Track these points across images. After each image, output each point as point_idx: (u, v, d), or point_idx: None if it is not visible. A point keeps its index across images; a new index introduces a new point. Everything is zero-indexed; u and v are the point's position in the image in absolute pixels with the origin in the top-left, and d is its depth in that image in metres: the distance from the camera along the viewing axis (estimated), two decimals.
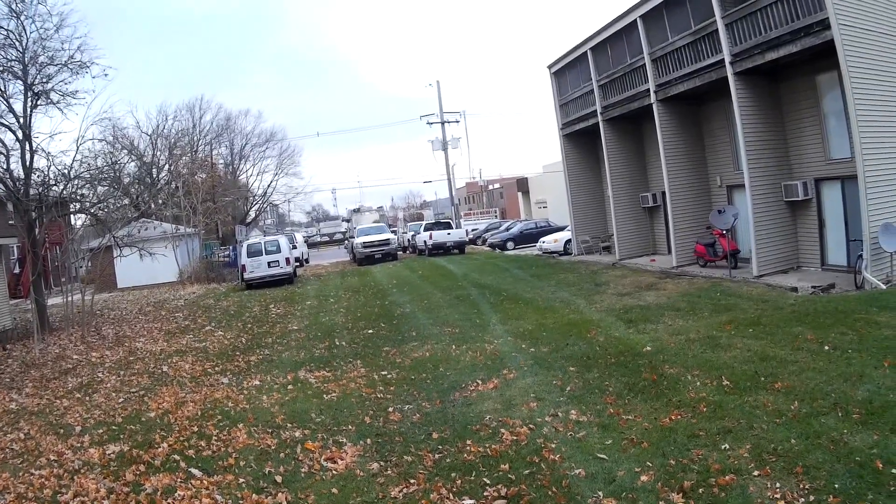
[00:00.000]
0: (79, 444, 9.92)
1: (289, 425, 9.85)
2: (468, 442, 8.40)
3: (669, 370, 10.40)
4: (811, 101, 18.80)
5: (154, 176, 50.92)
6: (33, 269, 23.53)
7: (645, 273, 22.89)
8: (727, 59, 19.18)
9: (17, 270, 36.37)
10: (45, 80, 23.61)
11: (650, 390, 9.52)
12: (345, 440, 9.01)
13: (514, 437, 8.32)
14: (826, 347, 10.56)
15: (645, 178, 28.04)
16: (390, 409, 10.20)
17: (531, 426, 8.65)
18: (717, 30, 19.54)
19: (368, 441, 8.88)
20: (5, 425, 11.52)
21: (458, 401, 10.31)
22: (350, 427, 9.58)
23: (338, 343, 16.29)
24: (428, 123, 54.83)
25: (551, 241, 35.29)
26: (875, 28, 16.23)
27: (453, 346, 14.21)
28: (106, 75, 23.95)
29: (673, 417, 8.30)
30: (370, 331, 17.47)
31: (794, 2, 16.80)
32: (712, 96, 22.25)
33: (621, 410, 8.82)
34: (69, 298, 25.09)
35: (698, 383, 9.53)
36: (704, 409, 8.43)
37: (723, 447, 7.21)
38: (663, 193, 25.11)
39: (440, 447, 8.41)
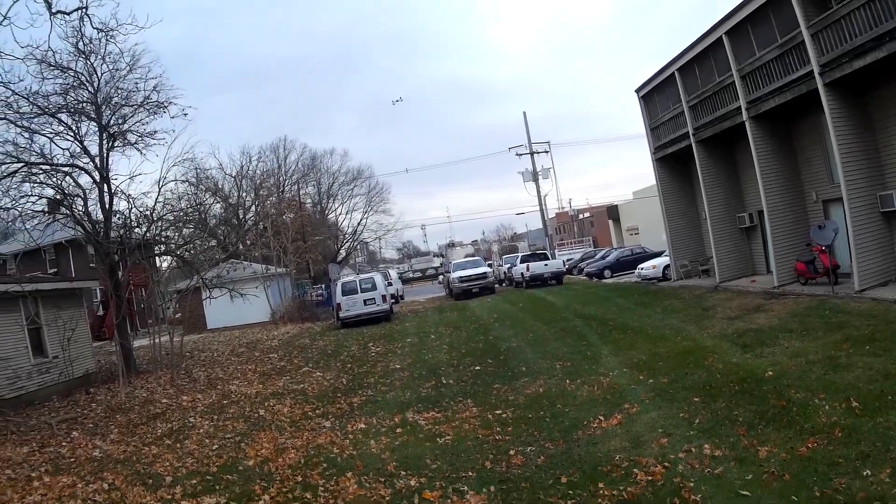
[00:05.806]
0: (170, 497, 9.07)
1: (402, 473, 9.10)
2: (600, 485, 7.73)
3: (796, 395, 9.81)
4: None
5: (241, 217, 51.68)
6: (117, 312, 23.34)
7: (748, 295, 22.01)
8: (816, 70, 18.66)
9: (100, 313, 37.16)
10: (120, 120, 23.39)
11: (781, 418, 8.93)
12: (466, 488, 8.31)
13: (650, 478, 7.69)
14: None
15: (740, 198, 27.20)
16: (511, 452, 9.47)
17: (665, 464, 8.00)
18: (803, 41, 19.02)
19: (492, 489, 8.19)
20: (87, 474, 10.72)
21: (582, 440, 9.68)
22: (470, 473, 8.85)
23: (444, 381, 15.64)
24: (517, 154, 55.23)
25: (650, 268, 34.62)
26: None
27: (567, 381, 13.55)
28: (185, 115, 23.50)
29: (809, 445, 7.81)
30: (477, 367, 16.82)
31: (875, 7, 16.32)
32: (803, 110, 21.51)
33: (755, 441, 8.23)
34: (157, 340, 24.50)
35: (827, 407, 8.99)
36: (839, 435, 7.95)
37: (864, 473, 6.85)
38: (760, 212, 24.50)
39: (570, 492, 7.75)
